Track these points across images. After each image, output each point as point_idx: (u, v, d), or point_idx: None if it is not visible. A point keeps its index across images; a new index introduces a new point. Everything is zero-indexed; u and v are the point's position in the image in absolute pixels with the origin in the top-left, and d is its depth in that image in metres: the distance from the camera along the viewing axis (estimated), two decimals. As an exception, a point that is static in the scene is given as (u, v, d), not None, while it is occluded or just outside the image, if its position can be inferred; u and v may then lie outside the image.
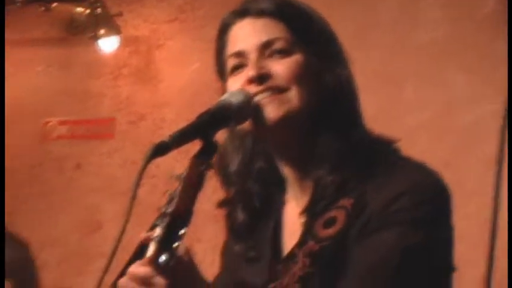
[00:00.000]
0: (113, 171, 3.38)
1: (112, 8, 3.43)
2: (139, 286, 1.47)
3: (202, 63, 3.36)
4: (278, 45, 1.69)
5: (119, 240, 1.44)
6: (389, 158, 1.69)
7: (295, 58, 1.70)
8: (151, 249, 1.47)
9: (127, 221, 1.46)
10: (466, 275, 1.78)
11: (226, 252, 1.85)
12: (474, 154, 3.17)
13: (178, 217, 1.49)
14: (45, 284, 3.11)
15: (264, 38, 1.70)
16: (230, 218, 1.79)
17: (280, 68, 1.67)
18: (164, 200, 1.52)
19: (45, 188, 3.46)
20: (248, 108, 1.63)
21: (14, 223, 3.13)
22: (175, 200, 1.50)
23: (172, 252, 1.47)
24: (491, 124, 3.07)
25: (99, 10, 3.36)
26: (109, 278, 1.49)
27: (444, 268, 1.67)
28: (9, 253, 2.81)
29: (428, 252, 1.62)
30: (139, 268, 1.47)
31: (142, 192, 1.42)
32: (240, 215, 1.78)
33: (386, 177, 1.65)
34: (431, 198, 1.65)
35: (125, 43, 3.46)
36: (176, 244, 1.47)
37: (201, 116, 1.58)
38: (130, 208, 1.46)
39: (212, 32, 1.74)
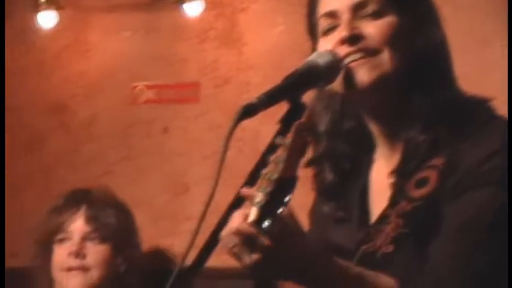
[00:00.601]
0: (199, 135, 3.39)
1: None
2: (242, 243, 1.47)
3: (287, 26, 3.37)
4: (371, 6, 1.68)
5: (208, 203, 1.44)
6: (482, 117, 1.68)
7: (388, 20, 1.68)
8: (254, 214, 1.47)
9: (216, 184, 1.46)
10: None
11: (314, 213, 1.86)
12: None
13: (283, 184, 1.48)
14: None
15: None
16: (318, 178, 1.80)
17: (373, 29, 1.66)
18: (251, 164, 1.53)
19: (133, 152, 3.49)
20: (336, 69, 1.62)
21: (104, 186, 3.20)
22: (280, 166, 1.48)
23: (276, 218, 1.47)
24: None
25: (183, -26, 3.39)
26: (199, 240, 1.48)
27: None
28: (109, 216, 2.88)
29: None
30: (243, 225, 1.47)
31: (228, 155, 1.44)
32: (329, 175, 1.79)
33: (479, 136, 1.64)
34: None
35: (209, 6, 3.44)
36: (280, 210, 1.47)
37: (288, 78, 1.57)
38: (219, 171, 1.47)
39: (297, -6, 1.73)
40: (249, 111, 1.49)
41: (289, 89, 1.57)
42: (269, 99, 1.51)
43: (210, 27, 3.50)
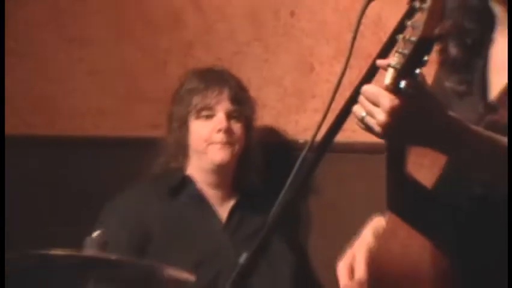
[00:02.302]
0: (326, 17, 3.36)
1: None
2: (366, 101, 1.53)
3: None
4: None
5: (339, 82, 1.57)
6: None
7: None
8: (389, 77, 1.51)
9: (347, 63, 1.55)
10: None
11: (435, 89, 1.83)
12: None
13: (422, 44, 1.48)
14: (265, 121, 3.32)
15: None
16: (443, 53, 1.83)
17: None
18: (373, 47, 1.64)
19: (262, 33, 3.49)
20: None
21: (236, 66, 3.33)
22: (420, 28, 1.48)
23: (414, 77, 1.50)
24: None
25: None
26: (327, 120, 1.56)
27: None
28: (245, 96, 3.13)
29: None
30: (370, 87, 1.53)
31: (349, 39, 1.56)
32: (453, 50, 1.82)
33: None
34: None
35: None
36: (418, 70, 1.50)
37: None
38: (350, 51, 1.55)
39: None
40: None
41: None
42: None
43: None
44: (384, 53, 1.57)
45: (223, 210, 3.05)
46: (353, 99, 1.54)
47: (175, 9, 3.62)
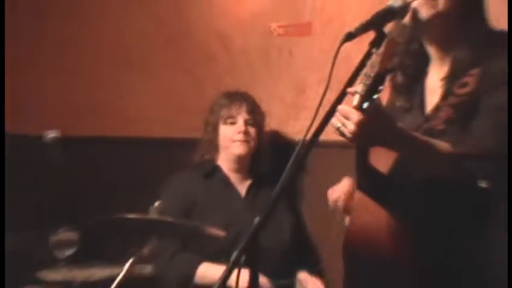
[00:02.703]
0: (314, 55, 3.28)
1: None
2: (342, 120, 1.52)
3: None
4: None
5: (321, 100, 1.53)
6: (502, 43, 1.67)
7: None
8: (356, 100, 1.49)
9: (327, 87, 1.52)
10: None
11: (388, 106, 1.85)
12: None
13: (378, 78, 1.48)
14: (271, 126, 3.25)
15: None
16: (393, 81, 1.82)
17: None
18: (345, 76, 1.56)
19: (270, 66, 3.40)
20: (406, 9, 1.63)
21: (252, 88, 3.22)
22: (376, 67, 1.48)
23: (372, 101, 1.49)
24: None
25: None
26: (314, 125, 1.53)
27: None
28: (258, 110, 3.09)
29: None
30: (345, 108, 1.50)
31: (329, 70, 1.53)
32: (400, 79, 1.83)
33: (502, 55, 1.63)
34: None
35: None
36: (375, 96, 1.49)
37: (375, 15, 1.59)
38: (329, 79, 1.52)
39: None
40: (349, 36, 1.54)
41: (375, 22, 1.58)
42: (363, 28, 1.56)
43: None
44: (351, 81, 1.57)
45: (242, 188, 3.03)
46: (331, 112, 1.54)
47: (211, 50, 3.58)
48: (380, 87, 1.49)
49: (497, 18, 1.83)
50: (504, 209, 1.60)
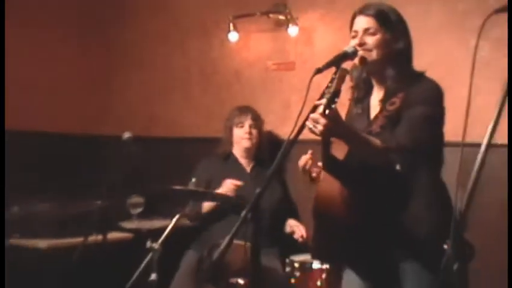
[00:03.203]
0: (297, 83, 3.23)
1: None
2: (313, 122, 1.47)
3: (338, 38, 3.11)
4: (371, 30, 1.66)
5: (300, 113, 1.47)
6: (420, 78, 1.66)
7: (379, 36, 1.66)
8: (321, 109, 1.45)
9: (303, 104, 1.45)
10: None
11: (348, 113, 1.80)
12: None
13: (335, 93, 1.45)
14: (268, 128, 3.16)
15: (365, 26, 1.67)
16: (353, 95, 1.78)
17: (371, 40, 1.66)
18: (317, 95, 1.52)
19: (266, 89, 3.32)
20: (355, 54, 1.62)
21: (255, 104, 3.14)
22: (333, 87, 1.45)
23: (331, 109, 1.45)
24: None
25: None
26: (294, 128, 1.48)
27: (440, 124, 1.64)
28: (255, 115, 3.00)
29: (435, 116, 1.62)
30: (314, 115, 1.47)
31: (304, 92, 1.46)
32: (357, 93, 1.77)
33: (419, 85, 1.63)
34: (436, 93, 1.62)
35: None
36: (333, 106, 1.46)
37: (335, 56, 1.56)
38: (305, 97, 1.42)
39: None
40: (318, 71, 1.51)
41: (335, 61, 1.54)
42: (327, 65, 1.53)
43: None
44: (319, 98, 1.52)
45: (248, 167, 2.98)
46: (304, 123, 1.51)
47: (228, 80, 3.53)
48: (336, 100, 1.45)
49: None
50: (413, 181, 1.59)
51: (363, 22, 1.67)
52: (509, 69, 1.43)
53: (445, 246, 0.99)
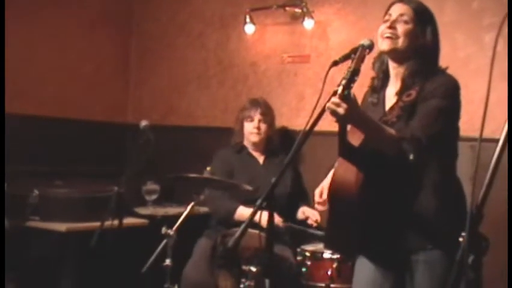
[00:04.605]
0: (311, 76, 3.20)
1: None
2: (334, 106, 1.43)
3: (364, 24, 3.10)
4: (405, 17, 1.65)
5: (316, 105, 1.44)
6: (438, 72, 1.66)
7: (410, 26, 1.65)
8: (340, 90, 1.43)
9: (320, 96, 1.43)
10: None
11: (363, 102, 1.78)
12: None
13: (354, 72, 1.44)
14: (282, 122, 3.15)
15: (401, 11, 1.66)
16: (372, 84, 1.77)
17: (402, 27, 1.65)
18: (332, 87, 1.51)
19: (281, 83, 3.29)
20: (371, 47, 1.55)
21: (269, 97, 3.15)
22: (353, 66, 1.45)
23: (349, 90, 1.43)
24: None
25: None
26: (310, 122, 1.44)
27: (455, 117, 1.64)
28: (268, 111, 2.95)
29: (450, 109, 1.61)
30: (336, 99, 1.44)
31: (321, 85, 1.45)
32: (375, 82, 1.76)
33: (435, 79, 1.62)
34: (453, 87, 1.62)
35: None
36: (351, 86, 1.44)
37: (352, 49, 1.53)
38: (322, 90, 1.42)
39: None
40: (335, 63, 1.51)
41: (352, 52, 1.53)
42: (344, 58, 1.52)
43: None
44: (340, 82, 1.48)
45: (260, 159, 2.98)
46: (319, 115, 1.44)
47: (245, 73, 3.52)
48: (356, 78, 1.44)
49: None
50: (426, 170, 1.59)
51: (400, 8, 1.67)
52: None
53: (460, 239, 0.97)
